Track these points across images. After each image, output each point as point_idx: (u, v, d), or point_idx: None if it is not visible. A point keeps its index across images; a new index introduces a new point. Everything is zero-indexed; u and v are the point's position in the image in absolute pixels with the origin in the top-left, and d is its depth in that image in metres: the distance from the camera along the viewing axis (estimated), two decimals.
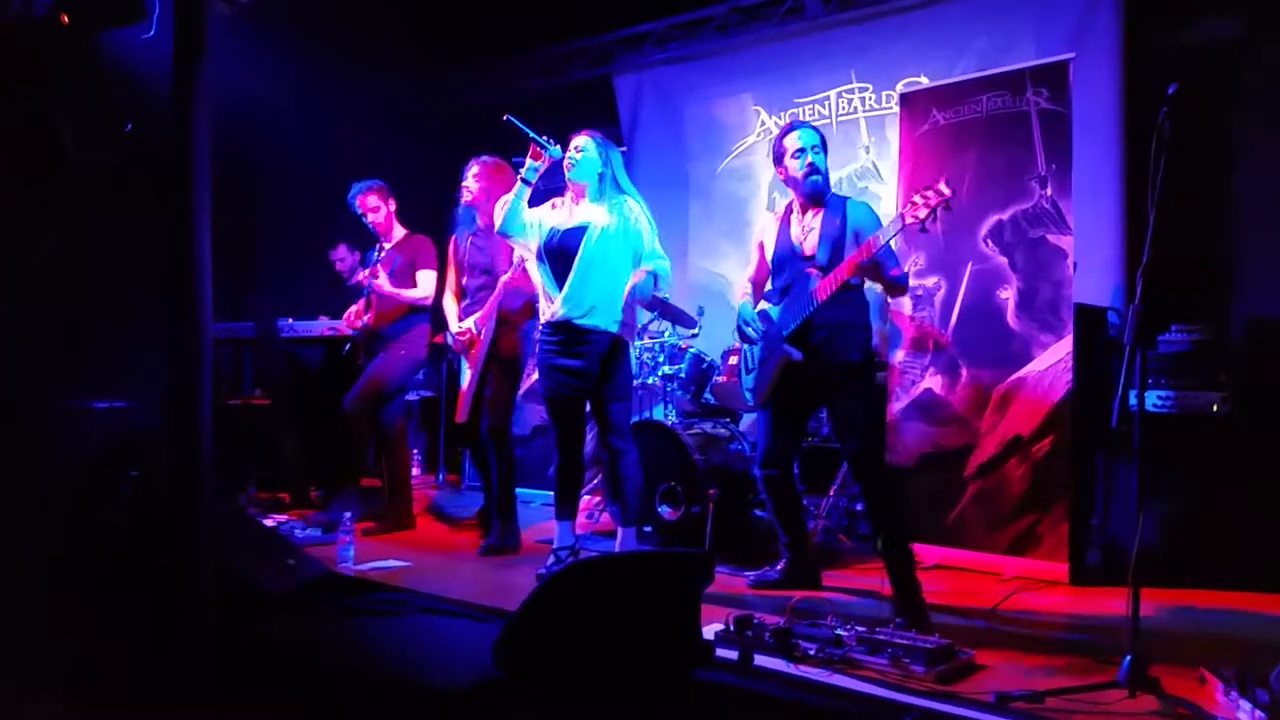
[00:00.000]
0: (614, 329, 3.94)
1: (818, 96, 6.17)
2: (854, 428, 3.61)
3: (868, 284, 3.74)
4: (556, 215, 4.04)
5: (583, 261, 3.88)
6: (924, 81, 5.46)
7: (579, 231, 3.91)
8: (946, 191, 3.26)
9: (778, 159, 3.80)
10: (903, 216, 3.33)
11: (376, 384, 5.01)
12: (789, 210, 3.87)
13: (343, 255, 6.71)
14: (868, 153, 5.91)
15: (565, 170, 3.98)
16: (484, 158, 4.76)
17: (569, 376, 3.97)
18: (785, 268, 3.79)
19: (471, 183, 4.71)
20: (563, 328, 3.95)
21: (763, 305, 3.92)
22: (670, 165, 6.87)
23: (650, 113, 7.01)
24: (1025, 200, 4.29)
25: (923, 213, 3.27)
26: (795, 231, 3.78)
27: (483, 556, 4.53)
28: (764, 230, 4.00)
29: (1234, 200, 4.83)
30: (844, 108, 6.04)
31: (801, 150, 3.71)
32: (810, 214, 3.76)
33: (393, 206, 5.21)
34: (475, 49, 7.52)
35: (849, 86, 6.05)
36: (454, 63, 7.74)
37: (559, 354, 3.98)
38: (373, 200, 5.13)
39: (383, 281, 4.98)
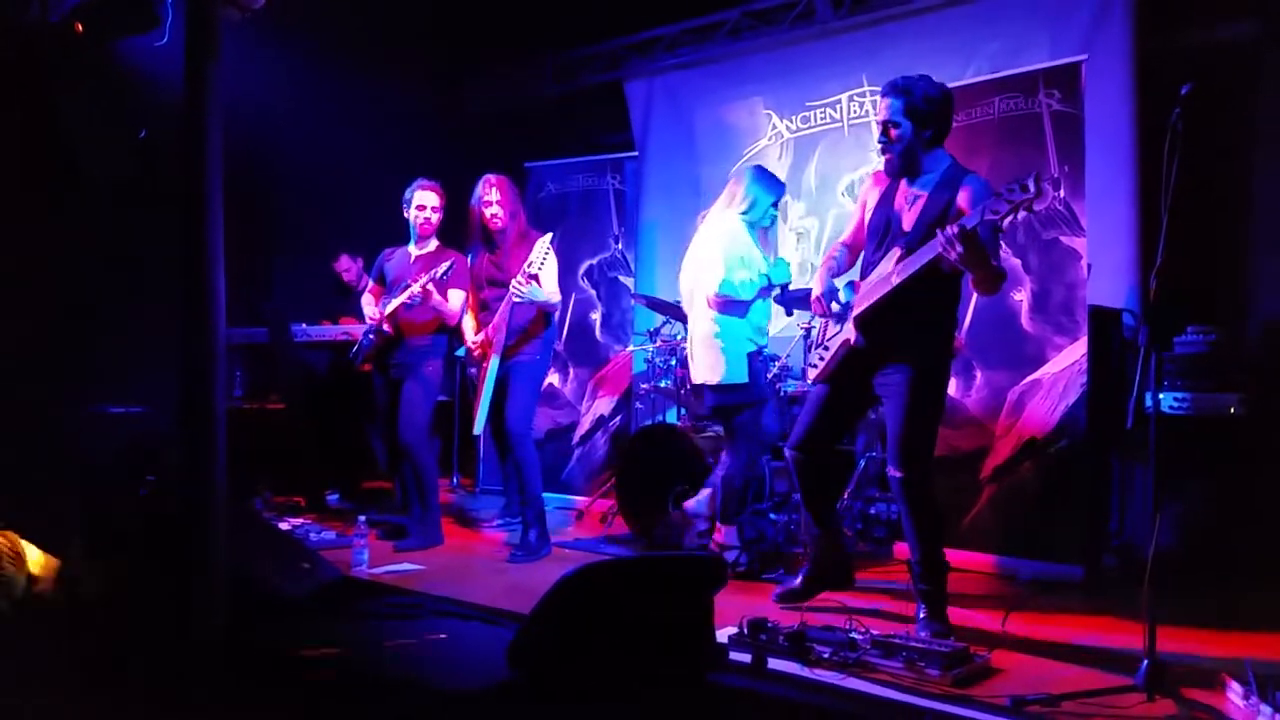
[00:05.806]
0: None
1: (829, 100, 6.17)
2: (907, 442, 3.25)
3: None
4: None
5: None
6: None
7: None
8: (1032, 189, 2.89)
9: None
10: (982, 210, 2.99)
11: (421, 409, 4.79)
12: None
13: (346, 265, 6.69)
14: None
15: None
16: (490, 176, 4.71)
17: None
18: (876, 239, 3.40)
19: (496, 209, 4.64)
20: None
21: (850, 276, 3.53)
22: (681, 169, 6.87)
23: (661, 117, 7.01)
24: (1039, 202, 4.25)
25: (1003, 208, 2.93)
26: (898, 201, 3.37)
27: (512, 563, 4.47)
28: (868, 191, 3.57)
29: (1249, 201, 4.81)
30: (855, 111, 6.03)
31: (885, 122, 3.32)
32: (920, 183, 3.33)
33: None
34: (487, 54, 7.55)
35: (860, 90, 6.04)
36: (466, 68, 7.77)
37: None
38: (435, 199, 4.86)
39: (430, 288, 4.58)
